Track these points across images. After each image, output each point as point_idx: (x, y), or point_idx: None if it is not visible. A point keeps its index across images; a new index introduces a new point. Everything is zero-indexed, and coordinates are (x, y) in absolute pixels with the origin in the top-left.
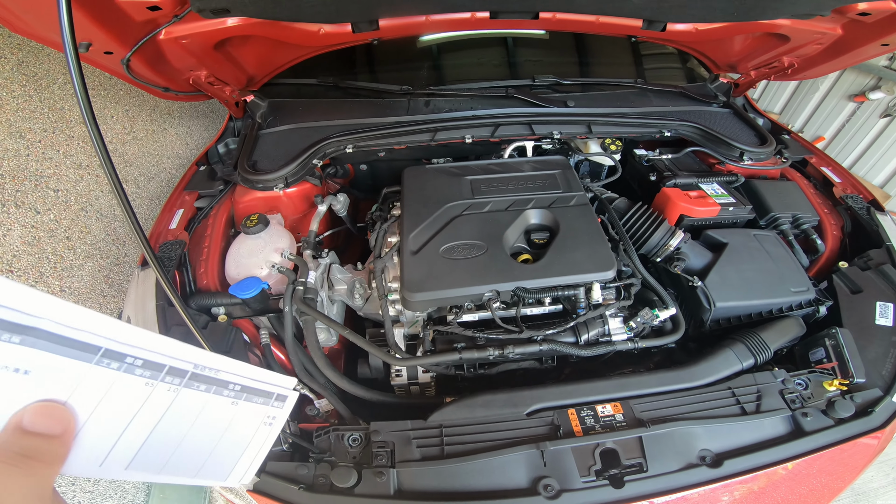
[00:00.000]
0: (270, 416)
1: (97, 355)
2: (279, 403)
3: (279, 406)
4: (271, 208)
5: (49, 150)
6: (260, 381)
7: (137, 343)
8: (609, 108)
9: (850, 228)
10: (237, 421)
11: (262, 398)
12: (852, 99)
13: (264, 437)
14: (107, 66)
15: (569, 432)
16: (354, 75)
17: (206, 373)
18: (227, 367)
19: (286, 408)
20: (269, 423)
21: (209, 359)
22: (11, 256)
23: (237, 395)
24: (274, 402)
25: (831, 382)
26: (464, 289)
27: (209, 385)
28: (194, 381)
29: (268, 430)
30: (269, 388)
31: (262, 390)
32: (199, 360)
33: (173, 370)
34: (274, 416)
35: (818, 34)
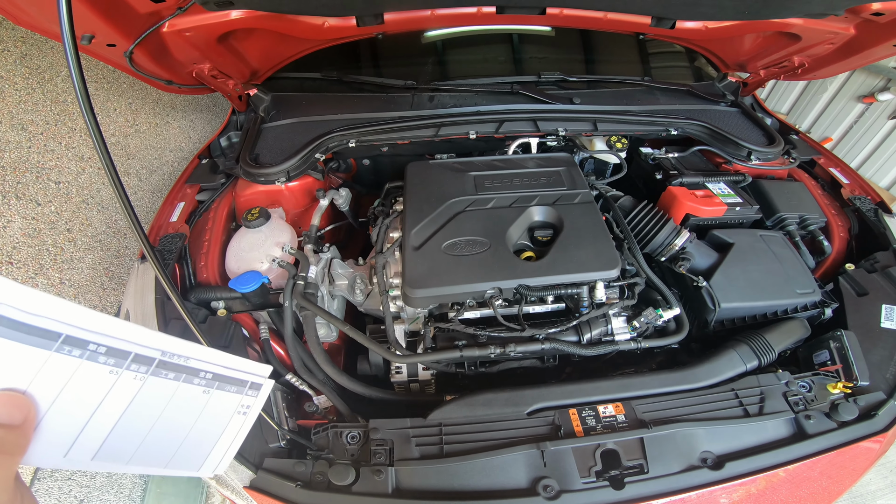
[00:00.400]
0: (244, 406)
1: (57, 342)
2: (253, 392)
3: (253, 395)
4: (273, 202)
5: (51, 142)
6: (233, 368)
7: (100, 329)
8: (615, 105)
9: (858, 230)
10: (209, 410)
11: (235, 387)
12: (861, 100)
13: (238, 427)
14: (110, 59)
15: (570, 432)
16: (358, 70)
17: (175, 360)
18: (197, 354)
19: (261, 396)
20: (244, 413)
21: (178, 346)
22: (11, 248)
23: (209, 383)
24: (248, 390)
25: (835, 385)
26: (466, 286)
27: (178, 373)
28: (162, 369)
29: (242, 420)
30: (243, 376)
31: (236, 378)
32: (166, 347)
33: (139, 357)
34: (248, 406)
35: (830, 34)
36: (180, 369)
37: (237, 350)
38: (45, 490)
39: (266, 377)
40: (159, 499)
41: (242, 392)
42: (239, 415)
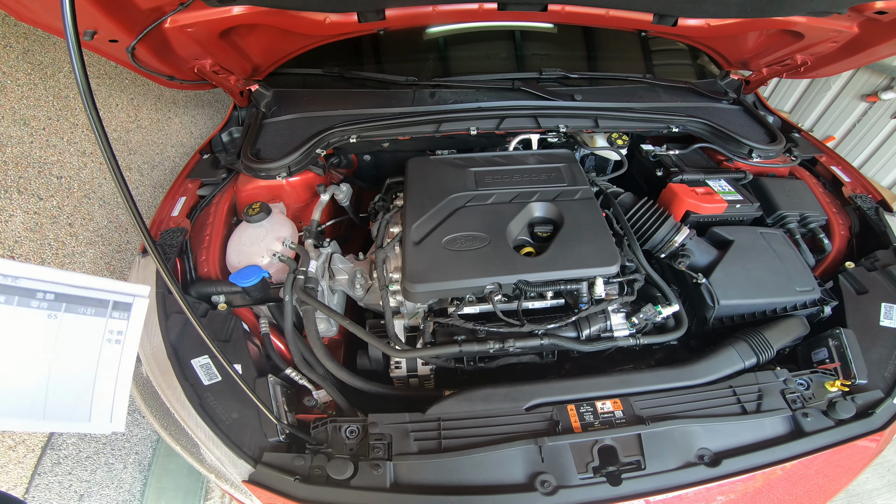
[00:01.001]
0: (114, 331)
1: None
2: (121, 314)
3: (122, 317)
4: (274, 197)
5: (53, 137)
6: (83, 286)
7: None
8: (616, 102)
9: (858, 229)
10: (65, 340)
11: (91, 307)
12: (864, 99)
13: (116, 361)
14: (111, 55)
15: (567, 428)
16: (360, 66)
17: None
18: (28, 272)
19: (135, 318)
20: (116, 341)
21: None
22: (13, 242)
23: (52, 305)
24: (113, 311)
25: (833, 383)
26: (465, 281)
27: (8, 295)
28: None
29: (118, 350)
30: (99, 294)
31: (88, 297)
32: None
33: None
34: (120, 331)
35: (834, 32)
36: (9, 290)
37: (238, 344)
38: (46, 485)
39: (139, 294)
40: (159, 493)
41: (105, 314)
42: (110, 343)
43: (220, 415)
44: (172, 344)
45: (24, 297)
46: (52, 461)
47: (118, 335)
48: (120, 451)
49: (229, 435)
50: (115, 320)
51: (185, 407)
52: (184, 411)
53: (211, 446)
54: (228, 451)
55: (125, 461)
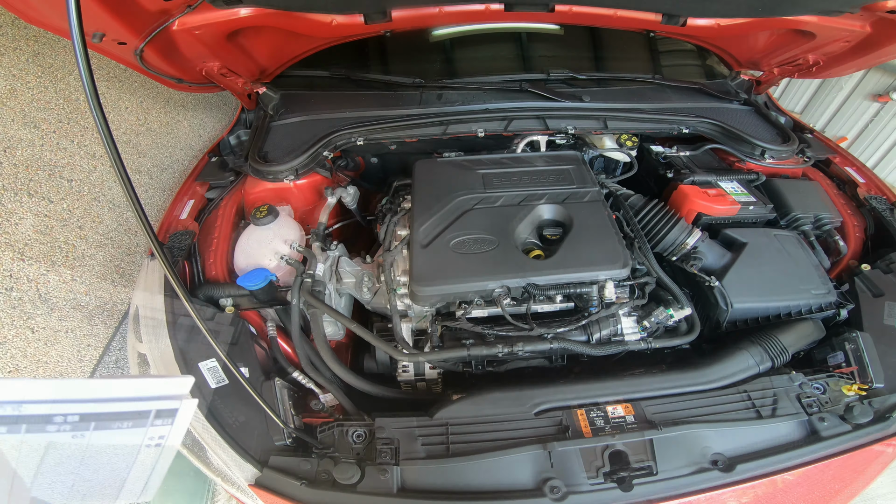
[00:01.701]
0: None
1: None
2: (164, 420)
3: (166, 423)
4: (281, 199)
5: (63, 140)
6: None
7: None
8: (625, 103)
9: (873, 230)
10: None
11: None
12: (876, 99)
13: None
14: (120, 57)
15: (577, 433)
16: (366, 68)
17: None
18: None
19: (179, 423)
20: (157, 444)
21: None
22: (23, 245)
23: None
24: (155, 420)
25: (850, 387)
26: (473, 283)
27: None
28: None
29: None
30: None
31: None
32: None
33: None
34: (161, 436)
35: (845, 32)
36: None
37: (244, 347)
38: None
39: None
40: (165, 495)
41: (145, 425)
42: (149, 448)
43: (227, 418)
44: (180, 347)
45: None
46: None
47: (159, 440)
48: None
49: (236, 438)
50: (156, 427)
51: None
52: None
53: (217, 449)
54: (235, 455)
55: None
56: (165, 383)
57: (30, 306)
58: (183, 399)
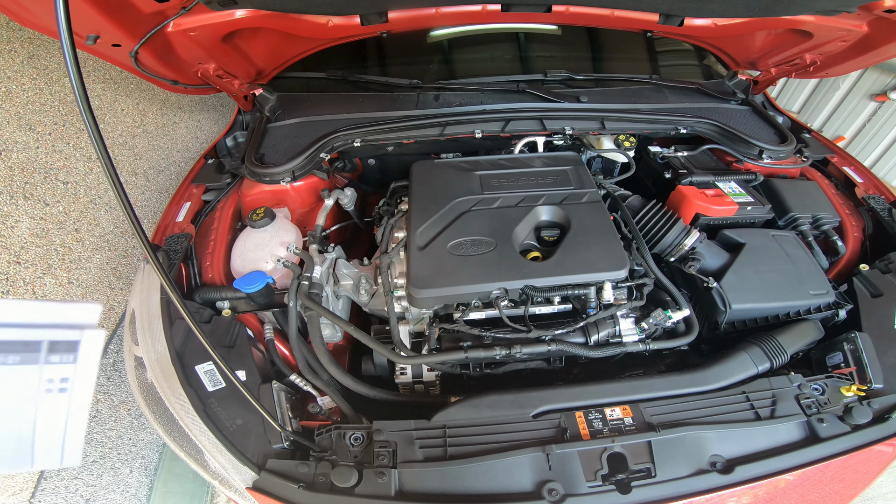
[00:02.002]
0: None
1: None
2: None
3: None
4: (278, 202)
5: (59, 142)
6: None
7: None
8: (623, 104)
9: (872, 230)
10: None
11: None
12: (873, 98)
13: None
14: (115, 59)
15: (576, 435)
16: (363, 69)
17: None
18: None
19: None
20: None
21: None
22: (19, 248)
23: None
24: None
25: (849, 388)
26: (471, 286)
27: None
28: None
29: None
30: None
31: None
32: None
33: None
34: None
35: (843, 31)
36: None
37: (242, 350)
38: (52, 489)
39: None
40: (165, 497)
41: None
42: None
43: (224, 421)
44: (177, 350)
45: None
46: None
47: (62, 383)
48: (126, 456)
49: (233, 441)
50: (54, 366)
51: (188, 413)
52: (188, 417)
53: (215, 453)
54: (232, 458)
55: (131, 465)
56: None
57: None
58: (86, 329)
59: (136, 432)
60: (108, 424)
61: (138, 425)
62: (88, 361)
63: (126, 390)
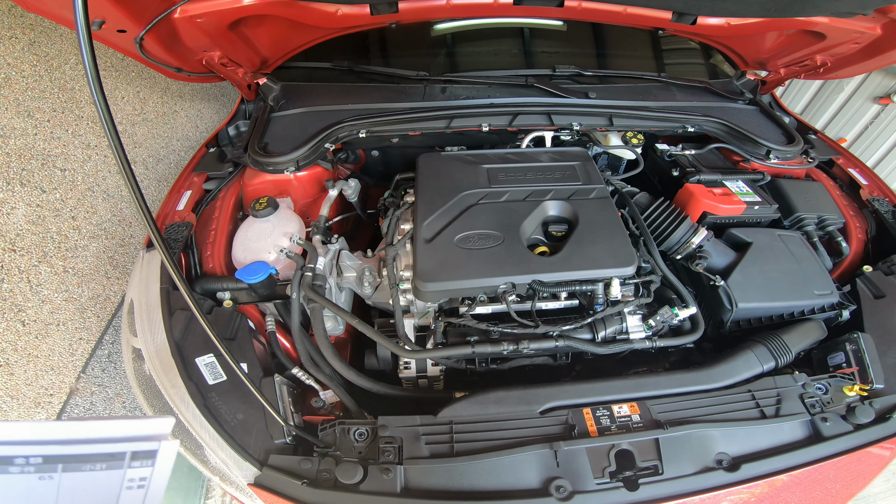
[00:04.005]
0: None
1: None
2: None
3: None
4: (281, 192)
5: (58, 129)
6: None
7: None
8: (631, 101)
9: (875, 232)
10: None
11: (102, 463)
12: (877, 101)
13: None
14: (119, 45)
15: (583, 432)
16: (369, 60)
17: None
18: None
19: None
20: (140, 486)
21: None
22: (15, 235)
23: (42, 468)
24: (132, 462)
25: (851, 388)
26: (478, 280)
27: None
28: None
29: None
30: (112, 447)
31: (92, 454)
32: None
33: None
34: (143, 477)
35: (856, 33)
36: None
37: (243, 343)
38: None
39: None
40: None
41: (121, 467)
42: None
43: (225, 415)
44: (176, 341)
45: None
46: None
47: (141, 482)
48: None
49: (234, 436)
50: (135, 469)
51: (188, 407)
52: (188, 411)
53: (215, 447)
54: (233, 453)
55: None
56: (143, 424)
57: (20, 298)
58: (162, 440)
59: None
60: None
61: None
62: (165, 465)
63: (121, 382)
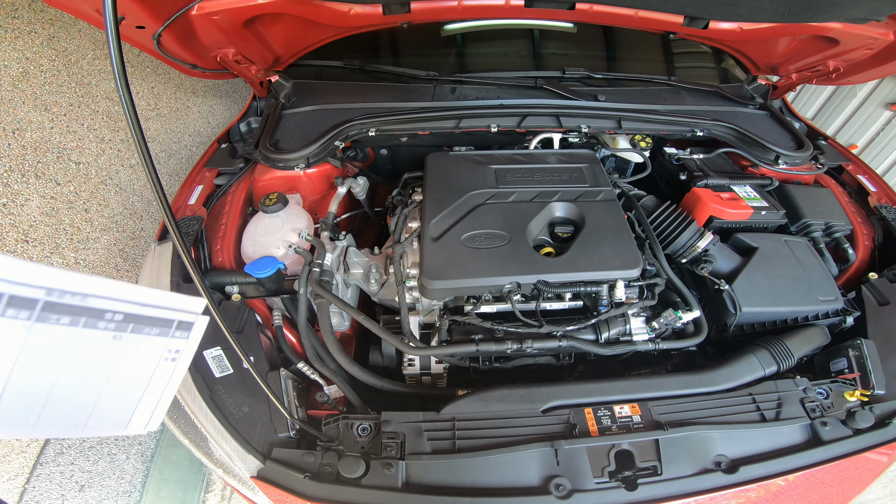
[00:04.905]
0: (173, 350)
1: None
2: (182, 333)
3: (182, 336)
4: (290, 188)
5: (73, 123)
6: (151, 305)
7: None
8: (640, 104)
9: (882, 239)
10: (126, 359)
11: (156, 328)
12: (889, 107)
13: (168, 376)
14: (137, 41)
15: (584, 432)
16: (379, 59)
17: (68, 300)
18: (98, 289)
19: (193, 338)
20: (173, 359)
21: (69, 280)
22: (28, 226)
23: (119, 326)
24: (175, 331)
25: (852, 393)
26: (484, 279)
27: (75, 316)
28: (51, 313)
29: (172, 367)
30: (167, 314)
31: (156, 318)
32: (54, 283)
33: (16, 300)
34: (178, 350)
35: (870, 39)
36: (77, 311)
37: (250, 336)
38: (47, 475)
39: (199, 313)
40: (160, 484)
41: (168, 334)
42: (167, 361)
43: (231, 408)
44: None
45: (91, 318)
46: (55, 451)
47: (175, 353)
48: (123, 442)
49: (239, 429)
50: (175, 339)
51: (195, 399)
52: (194, 404)
53: (220, 440)
54: (237, 446)
55: (128, 452)
56: (183, 299)
57: None
58: (198, 315)
59: None
60: None
61: None
62: (195, 340)
63: None
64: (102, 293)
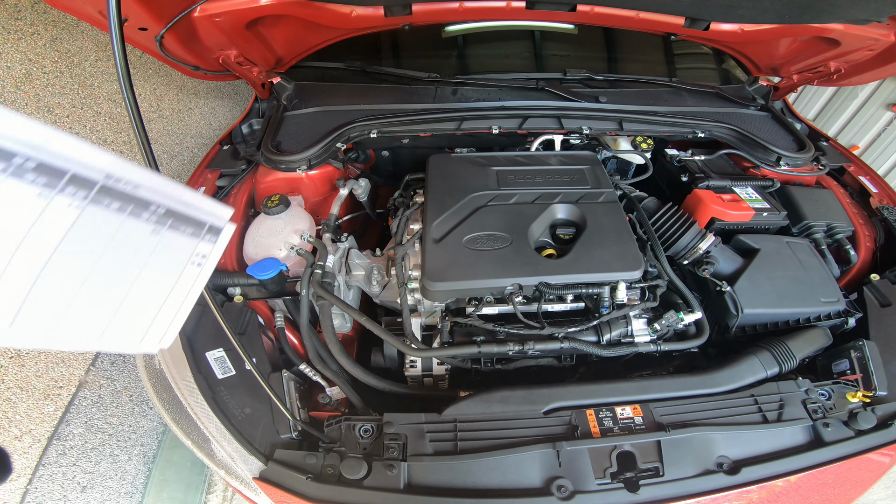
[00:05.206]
0: (200, 255)
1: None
2: (211, 237)
3: (211, 240)
4: (292, 190)
5: (76, 125)
6: (191, 205)
7: (29, 137)
8: (642, 105)
9: (883, 241)
10: (158, 257)
11: (191, 227)
12: (890, 108)
13: (191, 282)
14: (140, 43)
15: (586, 433)
16: (381, 61)
17: (122, 186)
18: (149, 181)
19: (220, 244)
20: (199, 264)
21: (126, 168)
22: None
23: (160, 220)
24: (206, 234)
25: (854, 394)
26: (486, 281)
27: (124, 203)
28: (105, 196)
29: (196, 273)
30: (202, 215)
31: (193, 217)
32: (113, 169)
33: (77, 179)
34: (204, 255)
35: (871, 40)
36: (127, 198)
37: (252, 338)
38: (49, 476)
39: (227, 220)
40: (162, 485)
41: (199, 236)
42: (193, 266)
43: (233, 409)
44: (187, 335)
45: (137, 207)
46: (58, 452)
47: (201, 258)
48: (126, 443)
49: (241, 430)
50: (204, 243)
51: (197, 400)
52: (196, 405)
53: (222, 441)
54: (239, 447)
55: (130, 453)
56: (216, 205)
57: None
58: (227, 222)
59: (137, 419)
60: (109, 410)
61: (139, 412)
62: (221, 244)
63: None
64: (151, 185)
